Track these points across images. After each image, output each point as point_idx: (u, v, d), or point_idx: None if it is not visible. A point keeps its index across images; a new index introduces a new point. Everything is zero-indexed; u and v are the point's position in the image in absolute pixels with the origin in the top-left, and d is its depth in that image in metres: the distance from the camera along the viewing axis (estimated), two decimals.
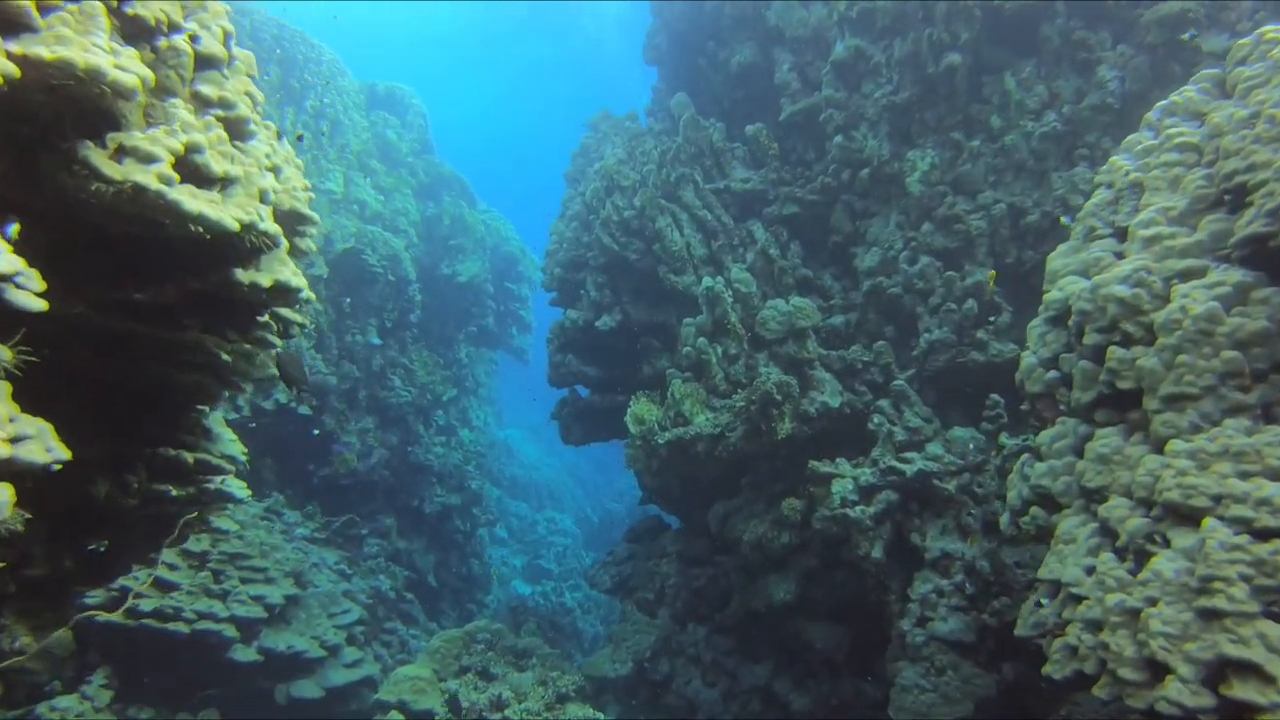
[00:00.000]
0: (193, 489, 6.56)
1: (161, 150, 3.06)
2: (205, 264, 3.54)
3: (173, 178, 3.09)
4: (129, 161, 3.01)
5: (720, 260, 10.28)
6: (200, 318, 3.77)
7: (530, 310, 22.02)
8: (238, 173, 3.43)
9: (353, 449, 13.78)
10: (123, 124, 3.17)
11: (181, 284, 3.57)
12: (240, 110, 3.63)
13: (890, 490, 8.15)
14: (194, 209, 3.10)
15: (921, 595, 7.51)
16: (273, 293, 3.65)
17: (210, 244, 3.55)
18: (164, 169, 3.05)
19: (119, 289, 3.69)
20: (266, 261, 3.62)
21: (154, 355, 5.55)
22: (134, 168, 2.99)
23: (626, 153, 11.31)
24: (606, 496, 34.14)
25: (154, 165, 3.03)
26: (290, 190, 4.47)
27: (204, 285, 3.59)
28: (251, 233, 3.38)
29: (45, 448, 2.86)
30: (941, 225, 8.85)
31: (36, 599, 6.36)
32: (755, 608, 9.67)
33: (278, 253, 3.66)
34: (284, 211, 4.46)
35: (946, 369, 8.72)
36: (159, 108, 3.31)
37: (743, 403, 8.50)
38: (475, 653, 9.18)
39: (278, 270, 3.62)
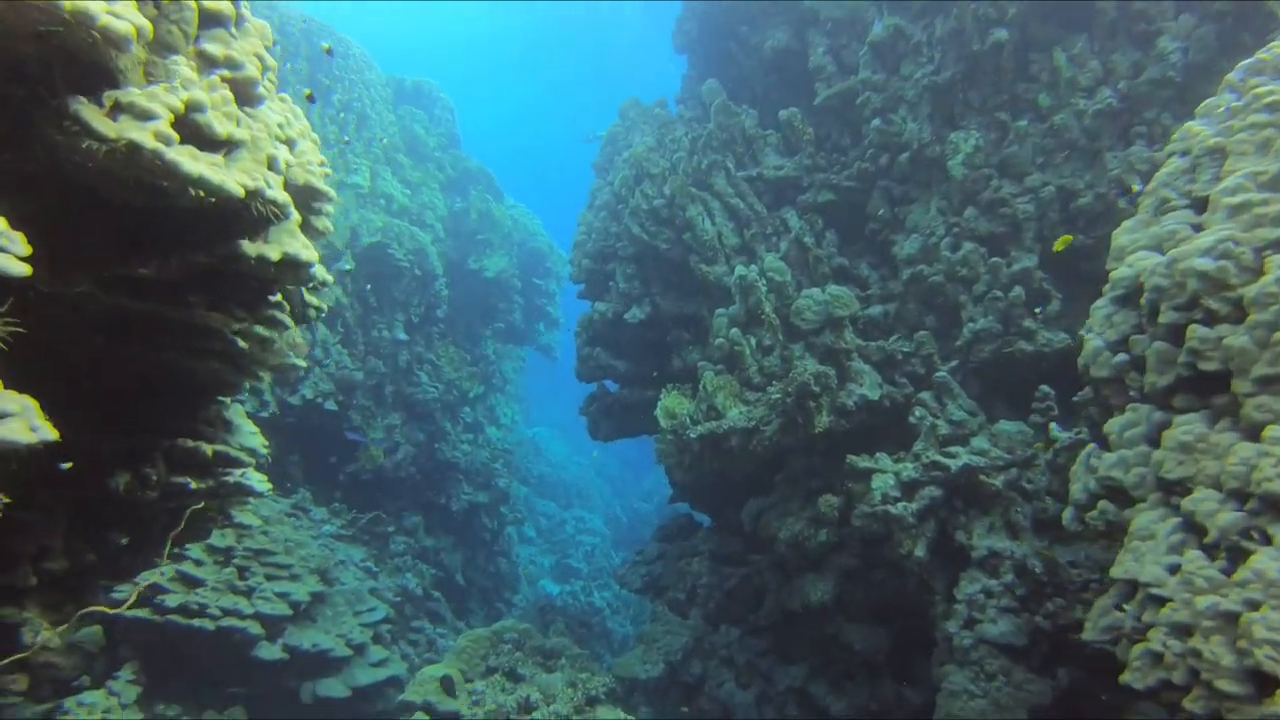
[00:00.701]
0: (212, 481, 6.37)
1: (160, 107, 2.81)
2: (210, 236, 3.30)
3: (172, 137, 2.84)
4: (124, 119, 2.77)
5: (753, 249, 9.96)
6: (206, 295, 3.52)
7: (558, 306, 21.80)
8: (243, 136, 3.18)
9: (377, 444, 13.59)
10: (120, 80, 2.93)
11: (186, 258, 3.33)
12: (248, 71, 3.38)
13: (934, 486, 7.78)
14: (194, 171, 2.85)
15: (969, 596, 7.14)
16: (282, 267, 3.39)
17: (214, 213, 3.30)
18: (162, 127, 2.80)
19: (122, 264, 3.46)
20: (275, 233, 3.37)
21: (169, 343, 5.35)
22: (129, 125, 2.74)
23: (656, 140, 11.02)
24: (635, 495, 33.88)
25: (151, 123, 2.78)
26: (305, 164, 4.23)
27: (209, 259, 3.34)
28: (258, 200, 3.13)
29: (29, 426, 2.62)
30: (986, 210, 8.48)
31: (58, 592, 6.20)
32: (791, 608, 9.34)
33: (287, 224, 3.40)
34: (298, 186, 4.21)
35: (992, 360, 8.34)
36: (160, 65, 3.06)
37: (778, 395, 8.17)
38: (503, 653, 8.93)
39: (287, 242, 3.36)
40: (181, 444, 6.00)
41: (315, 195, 4.37)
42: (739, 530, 10.68)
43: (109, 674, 8.59)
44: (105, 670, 8.70)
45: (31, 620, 5.95)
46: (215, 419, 6.62)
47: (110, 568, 6.45)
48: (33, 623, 5.95)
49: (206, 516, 7.14)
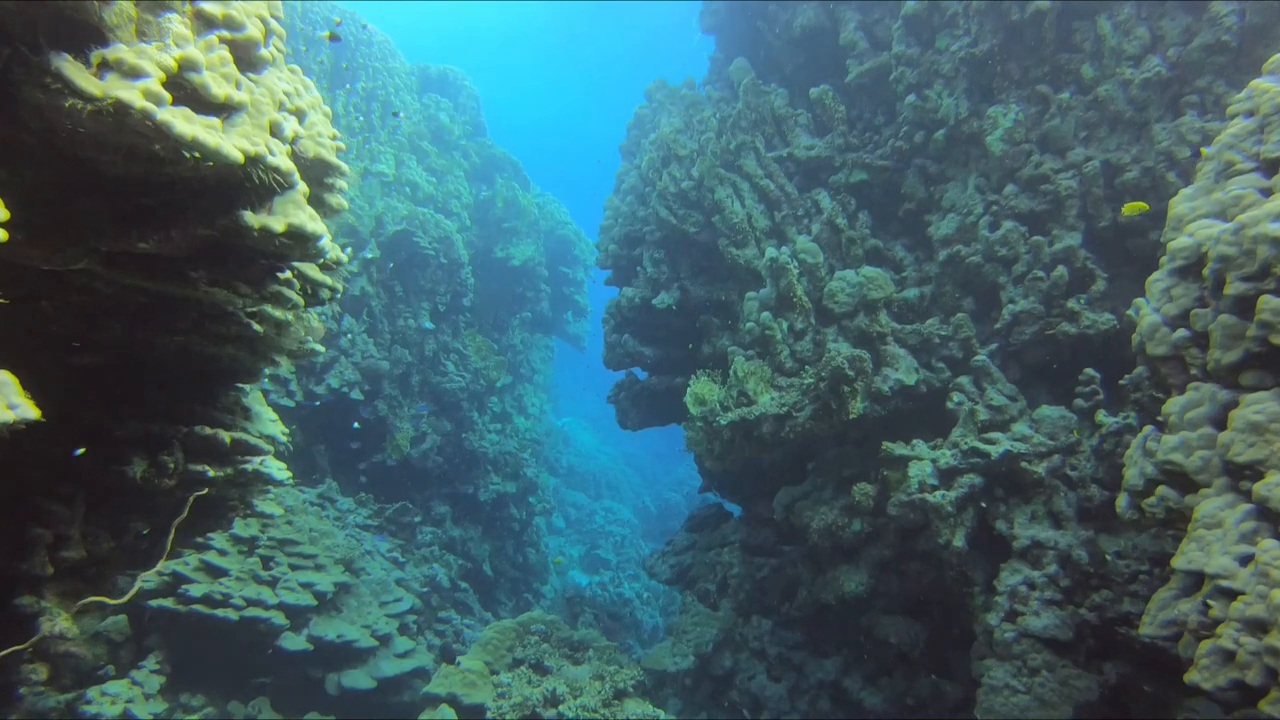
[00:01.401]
0: (230, 470, 6.25)
1: (150, 65, 2.63)
2: (211, 207, 3.12)
3: (163, 97, 2.66)
4: (112, 76, 2.59)
5: (784, 232, 9.68)
6: (209, 271, 3.35)
7: (586, 295, 21.64)
8: (242, 99, 2.99)
9: (401, 430, 13.49)
10: (109, 39, 2.75)
11: (187, 231, 3.16)
12: (249, 33, 3.19)
13: (973, 474, 7.50)
14: (187, 133, 2.66)
15: (1010, 588, 6.86)
16: (287, 240, 3.21)
17: (215, 183, 3.12)
18: (152, 86, 2.62)
19: (121, 238, 3.29)
20: (280, 204, 3.19)
21: (184, 327, 5.21)
22: (117, 83, 2.57)
23: (684, 121, 10.76)
24: (665, 485, 33.70)
25: (141, 81, 2.60)
26: (315, 136, 4.05)
27: (210, 231, 3.16)
28: (259, 167, 2.94)
29: (7, 404, 2.45)
30: (1027, 186, 8.14)
31: (77, 581, 6.12)
32: (824, 600, 9.10)
33: (292, 194, 3.22)
34: (309, 159, 4.03)
35: (1033, 342, 8.03)
36: (153, 24, 2.88)
37: (811, 380, 7.92)
38: (529, 645, 8.77)
39: (292, 214, 3.17)
40: (199, 431, 5.89)
41: (327, 169, 4.19)
42: (770, 520, 10.45)
43: (134, 663, 8.56)
44: (130, 660, 8.66)
45: (50, 609, 5.87)
46: (234, 406, 6.51)
47: (129, 557, 6.35)
48: (51, 612, 5.87)
49: (227, 505, 7.05)
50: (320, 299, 4.60)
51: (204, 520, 6.91)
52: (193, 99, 2.88)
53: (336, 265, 4.69)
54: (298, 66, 4.37)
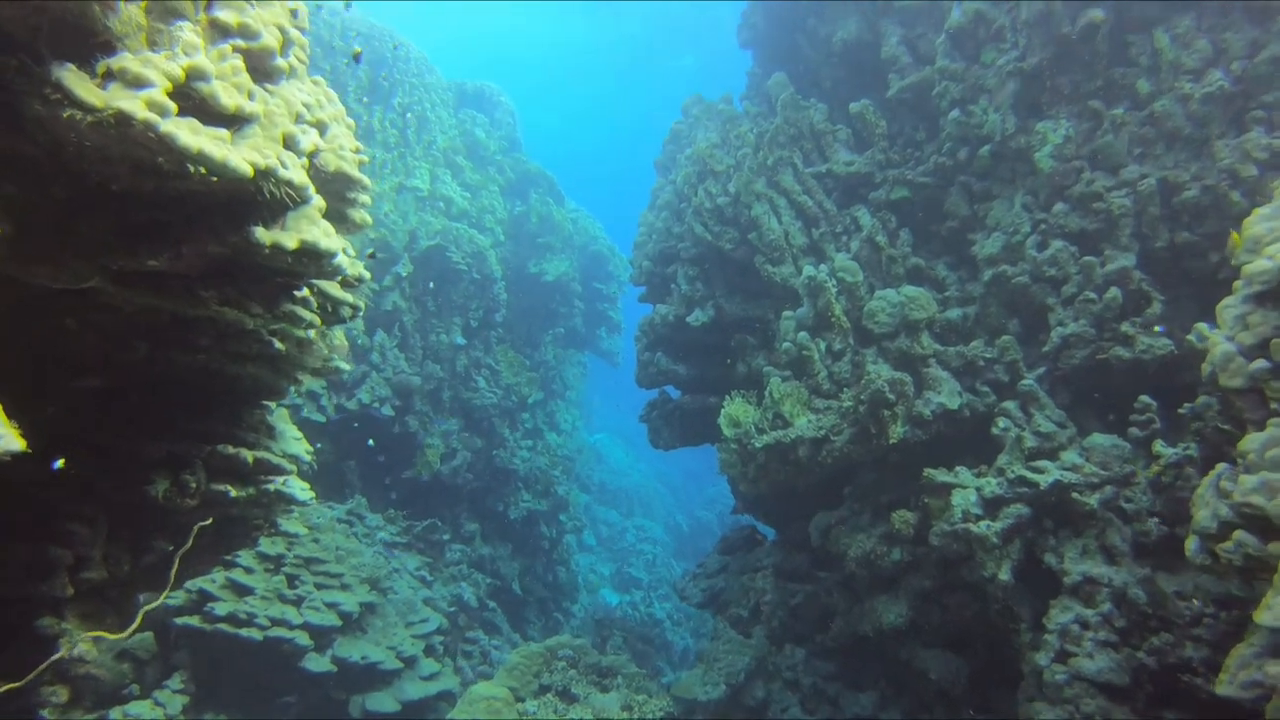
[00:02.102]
0: (253, 490, 6.12)
1: (155, 74, 2.48)
2: (222, 223, 2.96)
3: (168, 107, 2.50)
4: (115, 87, 2.44)
5: (822, 249, 9.44)
6: (221, 290, 3.19)
7: (620, 311, 21.49)
8: (254, 109, 2.84)
9: (432, 446, 13.37)
10: (117, 49, 2.60)
11: (198, 247, 3.00)
12: (265, 41, 3.04)
13: (1020, 504, 7.17)
14: (192, 145, 2.51)
15: (1061, 626, 6.51)
16: (300, 257, 3.05)
17: (225, 198, 2.97)
18: (157, 96, 2.47)
19: (130, 255, 3.15)
20: (293, 220, 3.02)
21: (205, 346, 5.10)
22: (119, 93, 2.42)
23: (720, 136, 10.57)
24: (697, 504, 33.37)
25: (144, 90, 2.45)
26: (337, 149, 3.89)
27: (221, 248, 3.01)
28: (270, 181, 2.78)
29: None
30: (1078, 205, 7.83)
31: (98, 602, 6.01)
32: (862, 631, 8.78)
33: (306, 209, 3.06)
34: (329, 173, 3.88)
35: (1083, 367, 7.68)
36: (165, 33, 2.74)
37: (850, 403, 7.65)
38: (556, 670, 8.55)
39: (305, 229, 3.01)
40: (222, 450, 5.76)
41: (349, 183, 4.04)
42: (804, 544, 10.15)
43: (160, 681, 8.46)
44: (157, 677, 8.57)
45: (71, 631, 5.77)
46: (259, 424, 6.38)
47: (151, 577, 6.25)
48: (72, 634, 5.76)
49: (252, 524, 6.93)
50: (341, 316, 4.44)
51: (228, 539, 6.79)
52: (201, 110, 2.73)
53: (358, 282, 4.53)
54: (321, 79, 4.23)
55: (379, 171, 14.57)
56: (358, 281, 4.60)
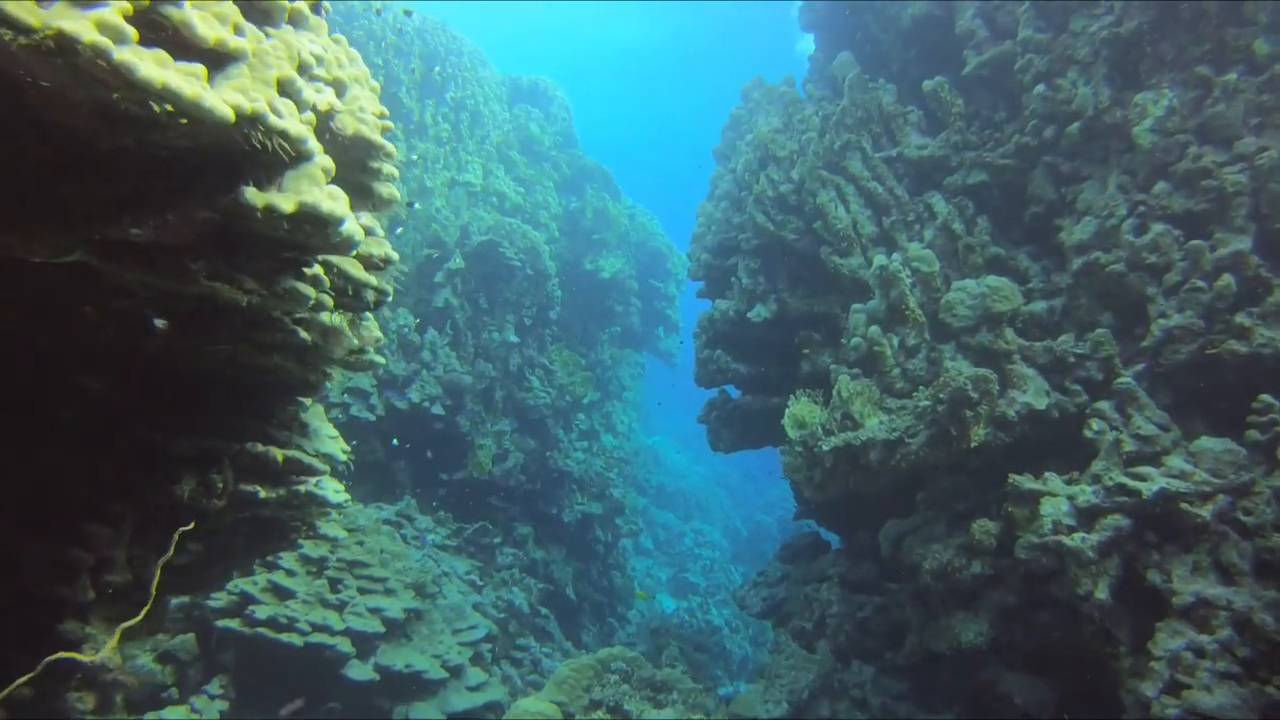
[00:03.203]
0: (283, 491, 5.75)
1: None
2: (212, 186, 2.53)
3: (124, 32, 2.07)
4: (59, 4, 2.01)
5: (893, 239, 8.80)
6: (211, 262, 2.77)
7: (678, 310, 20.99)
8: (240, 46, 2.40)
9: (484, 447, 13.02)
10: None
11: (185, 214, 2.58)
12: None
13: (1120, 514, 6.46)
14: (155, 79, 2.07)
15: (1171, 653, 5.81)
16: (300, 223, 2.60)
17: (214, 155, 2.54)
18: (109, 17, 2.04)
19: (112, 224, 2.74)
20: (292, 180, 2.58)
21: (226, 335, 4.74)
22: (62, 11, 1.99)
23: (783, 121, 9.99)
24: (756, 507, 32.64)
25: (93, 10, 2.02)
26: (355, 111, 3.46)
27: (212, 214, 2.58)
28: (258, 130, 2.34)
29: None
30: (1183, 183, 7.07)
31: (123, 605, 5.70)
32: (937, 649, 8.11)
33: (307, 168, 2.61)
34: (347, 138, 3.45)
35: (1188, 364, 6.93)
36: None
37: (927, 402, 7.01)
38: (608, 684, 8.07)
39: (306, 191, 2.56)
40: (250, 449, 5.40)
41: (370, 150, 3.60)
42: (872, 552, 9.52)
43: (202, 684, 8.22)
44: (199, 680, 8.33)
45: (95, 636, 5.46)
46: (291, 421, 6.02)
47: (180, 581, 5.93)
48: (95, 639, 5.46)
49: (288, 526, 6.60)
50: (365, 300, 4.01)
51: (263, 542, 6.48)
52: (174, 43, 2.30)
53: (385, 264, 4.10)
54: (342, 37, 3.80)
55: (431, 167, 14.32)
56: (385, 263, 4.17)
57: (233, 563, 6.38)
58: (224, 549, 6.09)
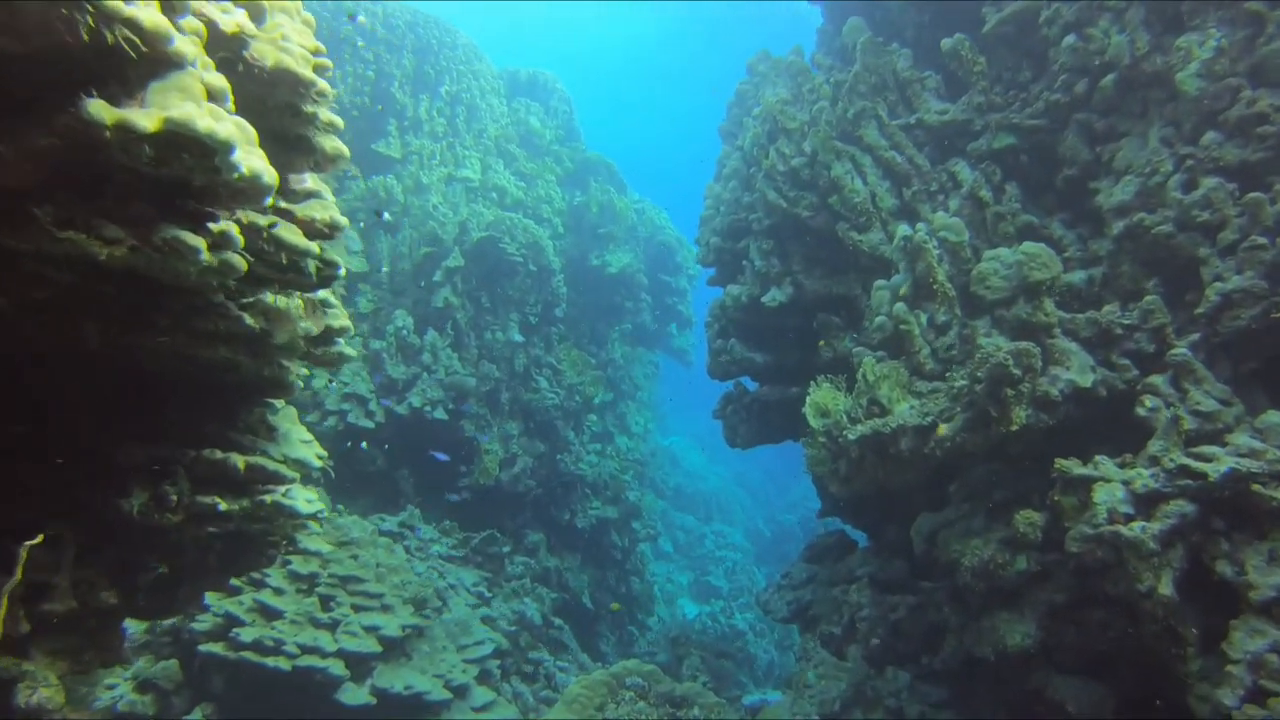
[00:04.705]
0: (247, 502, 5.16)
1: None
2: (52, 102, 1.95)
3: None
4: None
5: (916, 211, 8.17)
6: (59, 207, 2.19)
7: (690, 305, 20.35)
8: None
9: (490, 451, 12.42)
10: None
11: (21, 142, 2.00)
12: None
13: (1183, 499, 5.80)
14: None
15: (1252, 655, 5.15)
16: (169, 148, 2.02)
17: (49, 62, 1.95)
18: None
19: None
20: (157, 92, 2.00)
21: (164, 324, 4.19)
22: None
23: (792, 92, 9.38)
24: (778, 507, 31.94)
25: None
26: (277, 40, 2.88)
27: (52, 139, 2.00)
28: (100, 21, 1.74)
29: None
30: (1236, 131, 6.43)
31: (71, 637, 5.12)
32: (979, 653, 7.45)
33: (178, 78, 2.04)
34: (266, 71, 2.88)
35: (1250, 331, 6.26)
36: None
37: (964, 381, 6.37)
38: (623, 702, 7.46)
39: (175, 105, 1.99)
40: (208, 456, 4.82)
41: (299, 90, 3.02)
42: (902, 549, 8.89)
43: (186, 713, 7.69)
44: (184, 708, 7.79)
45: (32, 673, 4.88)
46: (256, 426, 5.45)
47: (140, 605, 5.37)
48: (34, 676, 4.88)
49: (267, 541, 6.05)
50: (305, 273, 3.43)
51: (238, 559, 5.92)
52: None
53: (331, 231, 3.52)
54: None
55: (427, 163, 13.78)
56: (330, 230, 3.58)
57: (204, 582, 5.81)
58: (193, 567, 5.54)
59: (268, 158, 2.77)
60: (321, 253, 3.42)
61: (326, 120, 3.25)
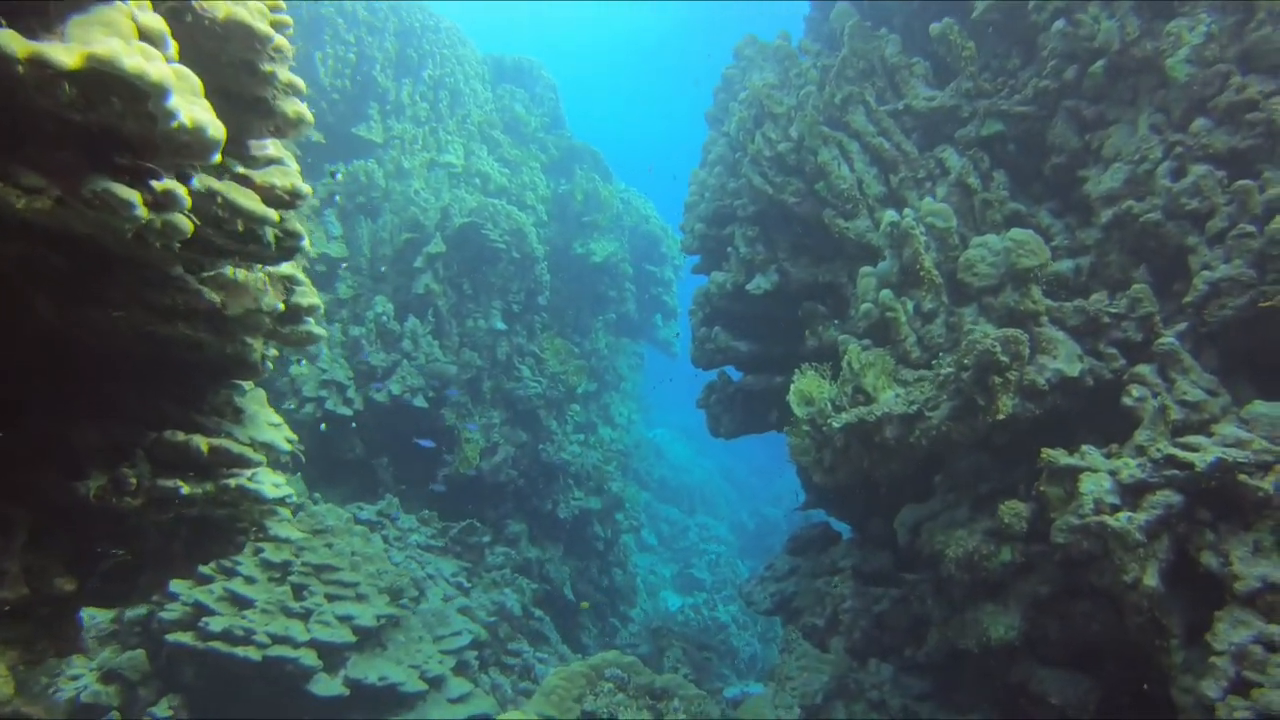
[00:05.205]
0: (210, 485, 4.98)
1: None
2: None
3: None
4: None
5: (902, 198, 8.06)
6: None
7: (676, 297, 20.23)
8: None
9: (471, 440, 12.26)
10: None
11: None
12: None
13: (1170, 489, 5.72)
14: None
15: (1236, 646, 5.07)
16: (95, 87, 1.87)
17: None
18: None
19: None
20: (78, 26, 1.84)
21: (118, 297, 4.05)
22: None
23: (779, 77, 9.25)
24: (763, 500, 31.90)
25: None
26: None
27: None
28: None
29: None
30: (1225, 118, 6.35)
31: (25, 625, 4.94)
32: (963, 645, 7.37)
33: (101, 11, 1.87)
34: (218, 25, 2.73)
35: (1238, 320, 6.19)
36: None
37: (950, 369, 6.27)
38: (601, 694, 7.34)
39: (98, 40, 1.83)
40: (169, 437, 4.64)
41: (254, 45, 2.87)
42: (887, 541, 8.81)
43: (151, 705, 7.50)
44: (150, 700, 7.61)
45: None
46: (222, 407, 5.28)
47: (98, 592, 5.19)
48: None
49: (235, 527, 5.89)
50: (263, 241, 3.27)
51: (205, 545, 5.75)
52: None
53: (293, 198, 3.36)
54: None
55: (409, 147, 13.57)
56: (292, 197, 3.43)
57: (169, 569, 5.64)
58: (156, 554, 5.37)
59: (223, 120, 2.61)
60: (281, 221, 3.26)
61: (286, 80, 3.10)
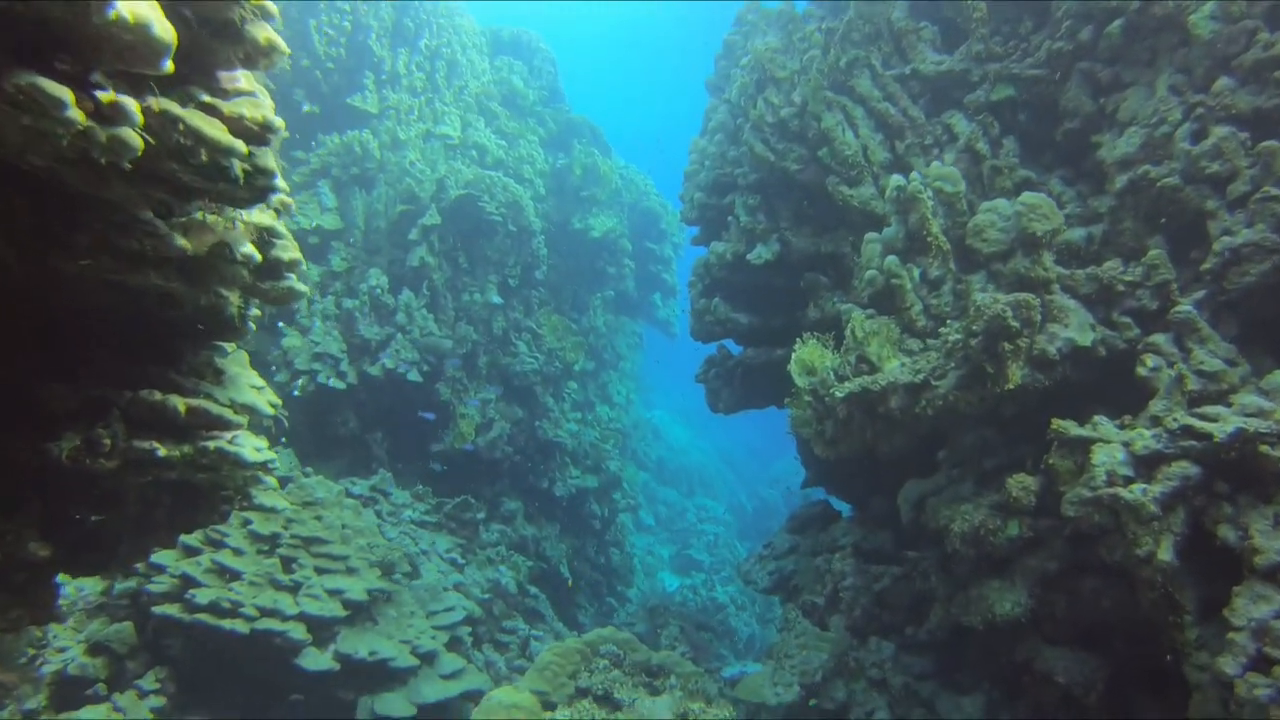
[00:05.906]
0: (189, 448, 4.77)
1: None
2: None
3: None
4: None
5: (908, 165, 7.81)
6: None
7: (675, 274, 19.98)
8: None
9: (466, 416, 12.05)
10: None
11: None
12: None
13: (1186, 461, 5.50)
14: None
15: (1256, 622, 4.87)
16: None
17: None
18: None
19: None
20: None
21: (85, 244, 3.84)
22: None
23: (782, 41, 8.98)
24: (761, 482, 31.78)
25: None
26: None
27: None
28: None
29: None
30: (1250, 77, 6.10)
31: None
32: (967, 622, 7.18)
33: None
34: None
35: (1260, 288, 5.96)
36: None
37: (959, 335, 6.04)
38: (597, 671, 7.16)
39: None
40: (145, 397, 4.44)
41: None
42: (888, 520, 8.64)
43: (138, 678, 7.33)
44: (138, 673, 7.43)
45: None
46: (202, 368, 5.08)
47: (75, 559, 5.00)
48: None
49: (219, 495, 5.68)
50: (230, 175, 3.03)
51: (188, 513, 5.55)
52: None
53: (263, 131, 3.13)
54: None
55: (404, 118, 13.30)
56: (263, 130, 3.19)
57: (152, 538, 5.44)
58: (137, 521, 5.17)
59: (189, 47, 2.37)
60: (250, 155, 3.03)
61: (256, 3, 2.86)
